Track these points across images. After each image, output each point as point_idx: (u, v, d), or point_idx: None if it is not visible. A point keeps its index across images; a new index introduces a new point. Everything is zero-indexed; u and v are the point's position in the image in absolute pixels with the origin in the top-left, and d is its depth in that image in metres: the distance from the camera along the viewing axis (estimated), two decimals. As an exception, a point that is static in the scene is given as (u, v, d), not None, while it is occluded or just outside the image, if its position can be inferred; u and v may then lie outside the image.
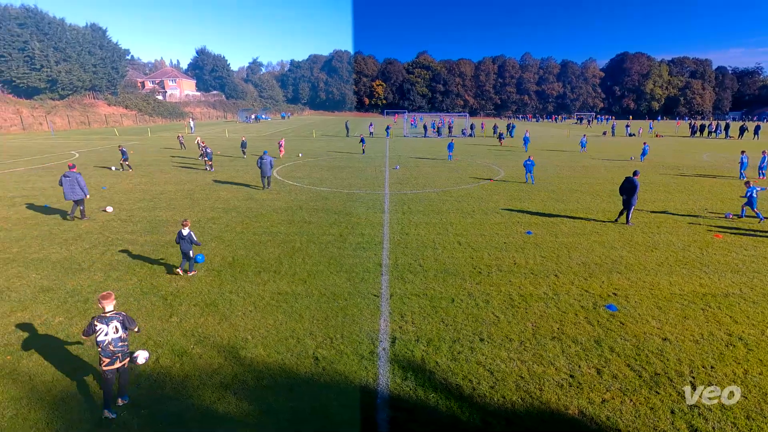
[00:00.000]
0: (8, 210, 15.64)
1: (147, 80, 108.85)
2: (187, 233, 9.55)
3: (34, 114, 61.16)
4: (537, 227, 13.83)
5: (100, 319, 5.37)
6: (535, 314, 8.13)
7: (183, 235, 9.55)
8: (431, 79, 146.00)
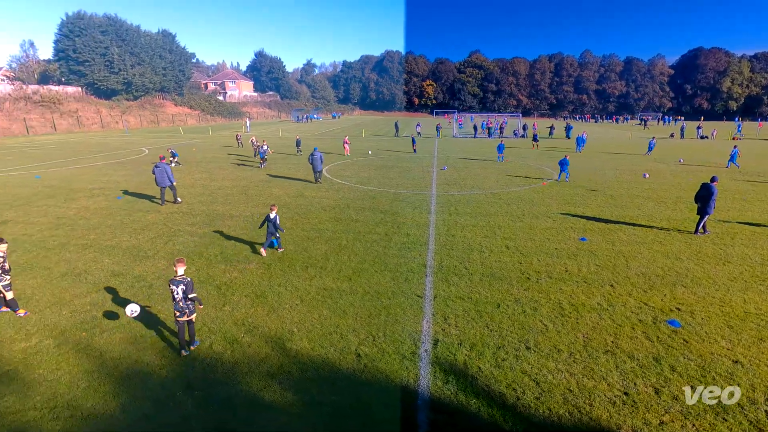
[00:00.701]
0: (87, 200, 17.27)
1: (210, 82, 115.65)
2: (273, 216, 10.74)
3: (111, 113, 66.99)
4: (592, 234, 13.12)
5: (173, 281, 6.67)
6: (587, 325, 7.72)
7: (270, 218, 10.77)
8: (483, 79, 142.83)
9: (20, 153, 33.33)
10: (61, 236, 12.68)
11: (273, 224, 10.76)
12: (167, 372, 6.38)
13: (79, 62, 67.82)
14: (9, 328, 7.53)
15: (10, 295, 7.89)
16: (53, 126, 55.56)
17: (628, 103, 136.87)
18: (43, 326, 7.61)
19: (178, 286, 6.64)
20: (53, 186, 20.14)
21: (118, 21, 73.03)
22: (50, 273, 9.96)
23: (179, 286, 6.64)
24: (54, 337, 7.26)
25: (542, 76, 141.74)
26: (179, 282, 6.66)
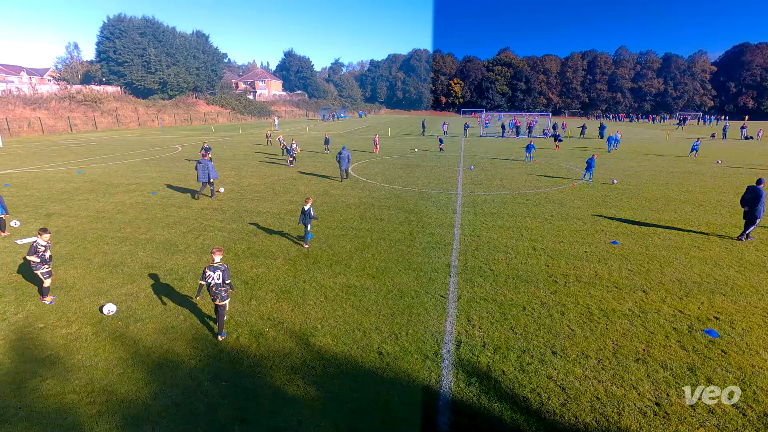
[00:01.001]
0: (124, 195, 18.04)
1: (240, 81, 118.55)
2: (308, 208, 11.33)
3: (147, 112, 69.69)
4: (624, 237, 12.66)
5: (210, 267, 7.14)
6: (617, 332, 7.46)
7: (305, 210, 11.35)
8: (512, 77, 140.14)
9: (64, 149, 35.16)
10: (100, 229, 13.31)
11: (308, 215, 11.35)
12: (196, 362, 6.59)
13: (119, 63, 70.90)
14: (52, 315, 7.96)
15: (47, 283, 8.34)
16: (94, 124, 58.32)
17: (666, 102, 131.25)
18: (83, 314, 8.01)
19: (215, 271, 7.15)
20: (93, 181, 21.15)
21: (156, 23, 75.84)
22: (90, 264, 10.48)
23: (216, 271, 7.15)
24: (92, 325, 7.63)
25: (574, 74, 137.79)
26: (216, 268, 7.17)
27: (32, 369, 6.41)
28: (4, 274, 9.79)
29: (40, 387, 6.01)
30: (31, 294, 8.81)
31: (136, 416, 5.47)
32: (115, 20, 71.22)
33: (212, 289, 7.13)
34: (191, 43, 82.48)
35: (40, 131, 50.51)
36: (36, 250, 8.11)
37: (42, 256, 8.22)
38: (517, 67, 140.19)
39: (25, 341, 7.14)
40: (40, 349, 6.91)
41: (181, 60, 78.29)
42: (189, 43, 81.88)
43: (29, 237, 12.36)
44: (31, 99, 55.18)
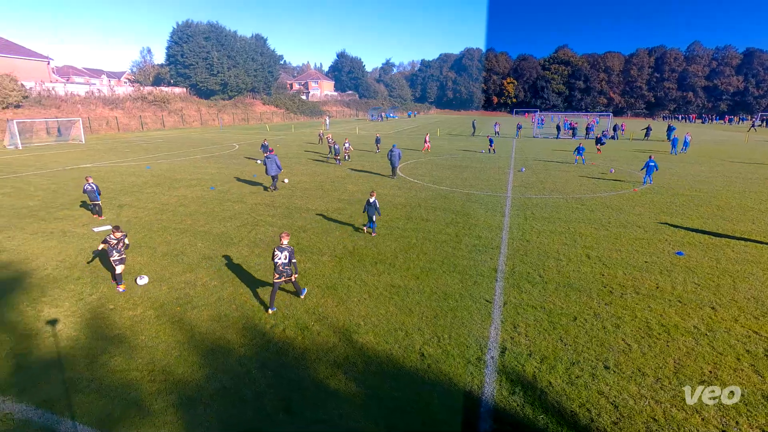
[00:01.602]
0: (185, 190, 19.29)
1: (294, 82, 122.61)
2: (372, 201, 12.26)
3: (209, 112, 74.01)
4: (692, 248, 11.68)
5: (278, 248, 8.02)
6: (679, 350, 6.91)
7: (370, 202, 12.29)
8: (570, 75, 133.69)
9: (135, 146, 38.22)
10: (164, 220, 14.32)
11: (373, 208, 12.30)
12: (245, 350, 6.92)
13: (185, 66, 75.83)
14: (121, 298, 8.69)
15: (118, 270, 9.08)
16: (162, 123, 62.86)
17: (746, 102, 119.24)
18: (147, 299, 8.67)
19: (282, 252, 8.05)
20: (159, 176, 22.81)
21: (219, 27, 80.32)
22: (154, 252, 11.31)
23: (283, 252, 8.05)
24: (155, 309, 8.24)
25: (639, 72, 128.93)
26: (284, 249, 8.07)
27: (103, 346, 7.03)
28: (83, 259, 10.81)
29: (109, 363, 6.58)
30: (105, 278, 9.66)
31: (190, 397, 5.84)
32: (183, 26, 76.31)
33: (278, 268, 8.01)
34: (250, 45, 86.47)
35: (116, 129, 55.25)
36: (107, 242, 9.03)
37: (114, 246, 8.99)
38: (575, 65, 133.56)
39: (97, 320, 7.85)
40: (110, 328, 7.57)
41: (241, 62, 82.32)
42: (248, 45, 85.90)
43: (105, 226, 13.57)
44: (110, 100, 60.49)
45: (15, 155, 31.13)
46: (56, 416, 5.51)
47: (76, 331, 7.46)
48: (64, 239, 12.32)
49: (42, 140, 41.44)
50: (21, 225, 13.65)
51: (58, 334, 7.37)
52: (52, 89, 54.47)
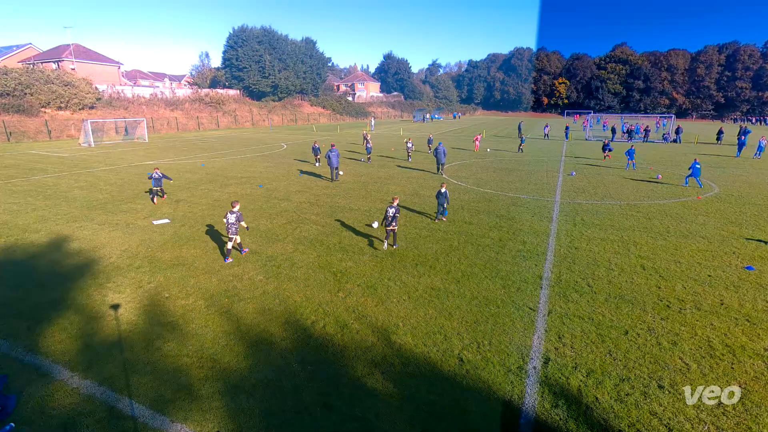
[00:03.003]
0: (236, 187, 20.21)
1: (341, 83, 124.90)
2: (444, 191, 13.77)
3: (260, 112, 77.13)
4: (764, 263, 10.65)
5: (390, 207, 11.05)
6: (746, 373, 6.32)
7: (441, 192, 13.77)
8: (628, 75, 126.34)
9: (192, 145, 40.54)
10: (216, 216, 15.08)
11: (444, 197, 13.78)
12: (287, 344, 7.13)
13: (240, 69, 79.49)
14: (175, 287, 9.25)
15: (229, 245, 10.74)
16: (217, 123, 66.28)
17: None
18: (198, 289, 9.17)
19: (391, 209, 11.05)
20: (213, 173, 24.05)
21: (271, 31, 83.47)
22: (206, 245, 11.94)
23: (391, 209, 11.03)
24: (205, 299, 8.70)
25: (707, 71, 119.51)
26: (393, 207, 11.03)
27: (158, 331, 7.52)
28: (143, 249, 11.62)
29: (163, 347, 7.03)
30: (162, 267, 10.33)
31: (235, 385, 6.11)
32: (238, 31, 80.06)
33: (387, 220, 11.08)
34: (300, 49, 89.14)
35: (175, 129, 58.93)
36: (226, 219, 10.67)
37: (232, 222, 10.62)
38: (634, 64, 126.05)
39: (154, 307, 8.41)
40: (165, 315, 8.08)
41: (291, 65, 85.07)
42: (298, 49, 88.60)
43: (163, 219, 14.50)
44: (171, 101, 64.64)
45: (88, 152, 34.04)
46: (116, 394, 5.96)
47: (135, 316, 8.04)
48: (128, 230, 13.31)
49: (111, 139, 45.02)
50: (91, 216, 14.90)
51: (119, 318, 7.97)
52: (121, 92, 59.07)
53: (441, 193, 13.84)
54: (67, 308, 8.32)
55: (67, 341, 7.22)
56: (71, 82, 48.97)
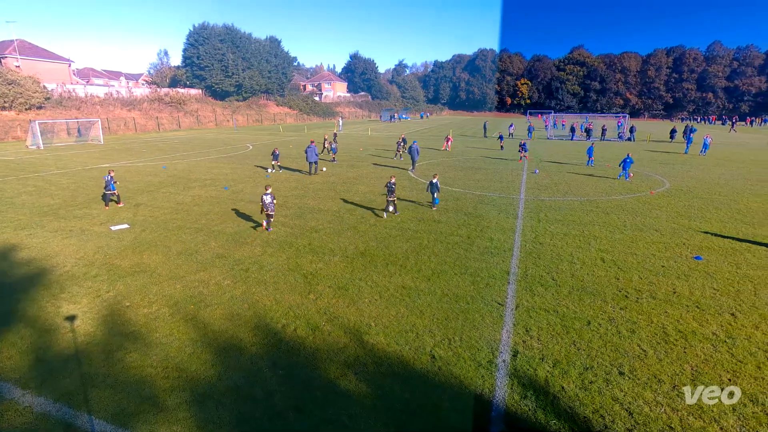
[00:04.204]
0: (201, 189, 19.57)
1: (308, 83, 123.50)
2: (435, 181, 15.30)
3: (223, 113, 75.01)
4: (711, 253, 11.41)
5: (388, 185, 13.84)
6: (697, 357, 6.75)
7: (433, 182, 15.30)
8: (585, 76, 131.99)
9: (152, 146, 38.92)
10: (179, 220, 14.55)
11: (435, 187, 15.30)
12: (257, 349, 6.98)
13: (201, 68, 77.00)
14: (136, 295, 8.85)
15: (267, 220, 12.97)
16: (178, 123, 63.91)
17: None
18: (162, 296, 8.82)
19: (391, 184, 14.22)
20: (175, 176, 23.19)
21: (234, 30, 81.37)
22: (169, 251, 11.50)
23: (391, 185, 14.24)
24: (169, 307, 8.37)
25: (657, 73, 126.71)
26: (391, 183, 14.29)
27: (119, 342, 7.17)
28: (100, 257, 11.05)
29: (125, 359, 6.71)
30: (121, 275, 9.86)
31: (203, 394, 5.91)
32: (199, 28, 77.52)
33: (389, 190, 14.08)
34: (264, 48, 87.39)
35: (133, 130, 56.37)
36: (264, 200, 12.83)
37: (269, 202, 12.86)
38: (591, 66, 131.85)
39: (114, 317, 8.01)
40: (125, 325, 7.71)
41: (255, 64, 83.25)
42: (263, 48, 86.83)
43: (121, 224, 13.84)
44: (128, 101, 61.75)
45: (36, 155, 31.99)
46: (73, 410, 5.63)
47: (93, 328, 7.63)
48: (83, 237, 12.61)
49: (62, 140, 42.48)
50: (42, 223, 14.01)
51: (76, 330, 7.54)
52: (73, 91, 55.87)
53: (432, 183, 15.26)
54: (17, 321, 7.80)
55: (17, 357, 6.76)
56: (16, 81, 45.88)
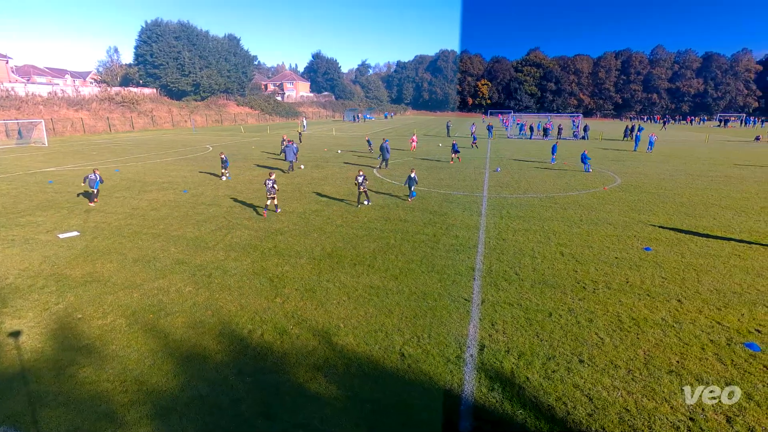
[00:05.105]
0: (158, 193, 18.73)
1: (269, 83, 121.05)
2: (413, 176, 16.60)
3: (181, 113, 72.19)
4: (658, 244, 12.17)
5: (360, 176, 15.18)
6: (648, 342, 7.18)
7: (411, 177, 16.60)
8: (542, 78, 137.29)
9: (103, 149, 36.85)
10: (135, 225, 13.86)
11: (413, 181, 16.62)
12: (222, 357, 6.77)
13: (155, 66, 73.76)
14: (89, 306, 8.35)
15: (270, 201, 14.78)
16: (131, 124, 60.86)
17: (706, 103, 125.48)
18: (117, 306, 8.36)
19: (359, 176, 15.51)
20: (129, 179, 22.06)
21: (190, 27, 78.49)
22: (125, 258, 10.93)
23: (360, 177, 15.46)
24: (126, 317, 7.95)
25: (607, 75, 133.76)
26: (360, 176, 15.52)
27: (71, 357, 6.74)
28: (47, 267, 10.34)
29: (78, 375, 6.31)
30: (72, 286, 9.27)
31: (165, 407, 5.66)
32: (152, 25, 74.19)
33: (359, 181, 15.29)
34: (223, 46, 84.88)
35: (81, 131, 53.13)
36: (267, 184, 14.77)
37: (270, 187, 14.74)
38: (546, 68, 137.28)
39: (64, 330, 7.52)
40: (77, 339, 7.26)
41: (214, 63, 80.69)
42: (221, 46, 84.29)
43: (70, 232, 13.02)
44: (74, 101, 58.11)
45: (-29, 159, 29.48)
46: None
47: (41, 343, 7.12)
48: (27, 246, 11.75)
49: (1, 143, 39.40)
50: (-21, 232, 12.93)
51: (21, 347, 7.01)
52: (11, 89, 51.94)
53: (411, 177, 16.57)
54: (-48, 341, 7.15)
55: (-46, 379, 6.21)
56: (-56, 78, 42.07)
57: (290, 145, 24.40)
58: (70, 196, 18.12)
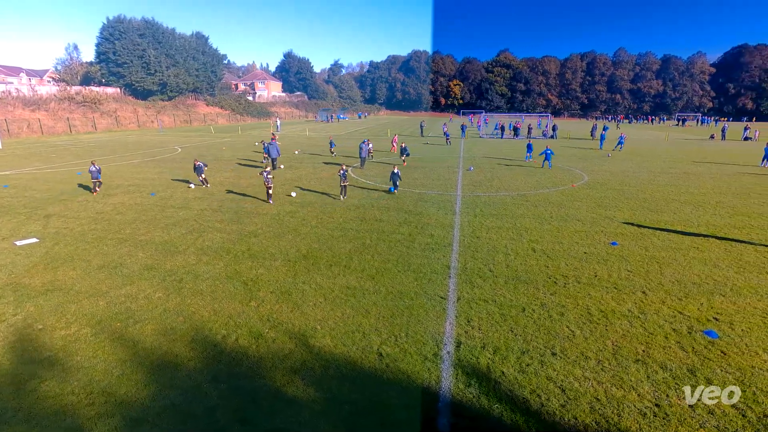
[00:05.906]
0: (123, 196, 18.03)
1: (240, 82, 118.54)
2: (397, 171, 18.04)
3: (147, 113, 69.69)
4: (624, 238, 12.67)
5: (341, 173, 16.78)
6: (616, 333, 7.47)
7: (395, 172, 17.93)
8: (512, 78, 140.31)
9: (63, 150, 35.13)
10: (100, 230, 13.29)
11: (397, 176, 17.94)
12: (195, 364, 6.58)
13: (119, 64, 70.96)
14: (51, 316, 7.95)
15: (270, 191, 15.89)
16: (93, 125, 58.30)
17: (665, 103, 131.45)
18: (82, 316, 8.00)
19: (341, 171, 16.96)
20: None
21: (155, 24, 75.91)
22: (89, 265, 10.46)
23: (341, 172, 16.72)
24: (91, 327, 7.61)
25: (573, 75, 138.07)
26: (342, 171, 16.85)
27: (31, 370, 6.39)
28: (3, 276, 9.77)
29: (39, 388, 6.00)
30: (30, 295, 8.80)
31: (135, 418, 5.46)
32: (114, 22, 71.30)
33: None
34: (191, 44, 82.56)
35: (39, 132, 50.48)
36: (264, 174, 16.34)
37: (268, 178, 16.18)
38: (516, 69, 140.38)
39: (24, 342, 7.13)
40: (39, 351, 6.90)
41: (181, 61, 78.38)
42: (189, 44, 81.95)
43: (29, 239, 12.36)
44: (31, 100, 55.17)
45: None
46: (-24, 453, 4.93)
47: (-3, 357, 6.73)
48: (-20, 255, 11.07)
49: (-51, 145, 36.99)
50: (-75, 241, 12.09)
51: (-25, 362, 6.60)
52: (-40, 88, 48.77)
53: (394, 173, 17.89)
54: None
55: None
56: None
57: (273, 142, 24.83)
58: (28, 200, 17.20)
